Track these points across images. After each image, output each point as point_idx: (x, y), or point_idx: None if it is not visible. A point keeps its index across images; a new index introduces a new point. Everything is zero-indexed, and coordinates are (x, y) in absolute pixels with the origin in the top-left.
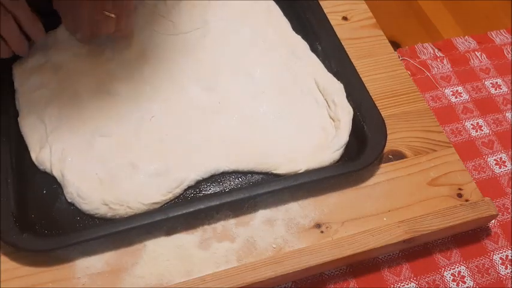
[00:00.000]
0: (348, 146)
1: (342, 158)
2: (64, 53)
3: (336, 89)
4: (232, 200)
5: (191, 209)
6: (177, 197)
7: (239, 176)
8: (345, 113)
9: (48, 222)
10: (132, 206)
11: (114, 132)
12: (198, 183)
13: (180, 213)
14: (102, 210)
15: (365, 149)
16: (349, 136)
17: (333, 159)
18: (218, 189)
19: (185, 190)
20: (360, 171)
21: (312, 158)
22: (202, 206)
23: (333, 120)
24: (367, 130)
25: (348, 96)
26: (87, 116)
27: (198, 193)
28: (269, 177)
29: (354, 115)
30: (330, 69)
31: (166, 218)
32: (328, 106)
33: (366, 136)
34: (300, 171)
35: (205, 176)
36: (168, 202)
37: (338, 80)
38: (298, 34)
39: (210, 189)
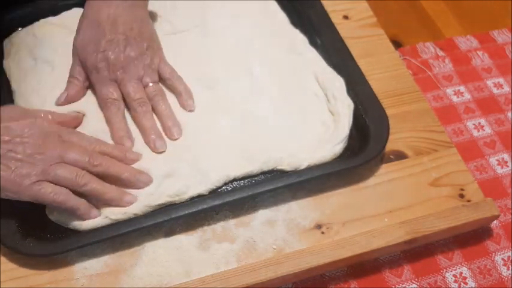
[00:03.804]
0: (351, 141)
1: (344, 153)
2: (50, 48)
3: (336, 83)
4: (232, 200)
5: (191, 210)
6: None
7: None
8: (345, 106)
9: (50, 226)
10: (138, 212)
11: None
12: None
13: (179, 214)
14: (103, 222)
15: (368, 143)
16: (352, 130)
17: (334, 153)
18: (218, 189)
19: None
20: (362, 171)
21: (313, 152)
22: (202, 207)
23: (333, 114)
24: (369, 123)
25: (348, 90)
26: (89, 115)
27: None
28: (270, 175)
29: (355, 109)
30: (329, 63)
31: (165, 219)
32: (328, 100)
33: (368, 130)
34: (302, 167)
35: (219, 184)
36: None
37: (338, 73)
38: (297, 29)
39: None
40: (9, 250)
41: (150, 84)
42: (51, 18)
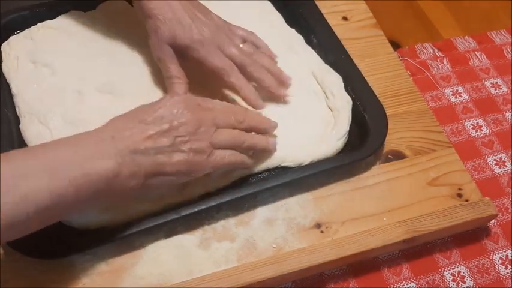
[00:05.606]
0: (351, 136)
1: (345, 148)
2: (49, 52)
3: (334, 80)
4: (232, 199)
5: (191, 210)
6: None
7: None
8: (344, 103)
9: (56, 227)
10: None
11: None
12: None
13: (180, 214)
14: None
15: (367, 137)
16: (351, 126)
17: (336, 148)
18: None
19: None
20: (361, 170)
21: (315, 148)
22: (202, 206)
23: (332, 110)
24: (368, 119)
25: (346, 87)
26: (92, 119)
27: None
28: (272, 173)
29: (353, 105)
30: (326, 60)
31: (166, 219)
32: (327, 97)
33: (367, 125)
34: (306, 163)
35: (228, 183)
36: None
37: (335, 70)
38: (293, 28)
39: None
40: (12, 250)
41: (241, 45)
42: (48, 22)
